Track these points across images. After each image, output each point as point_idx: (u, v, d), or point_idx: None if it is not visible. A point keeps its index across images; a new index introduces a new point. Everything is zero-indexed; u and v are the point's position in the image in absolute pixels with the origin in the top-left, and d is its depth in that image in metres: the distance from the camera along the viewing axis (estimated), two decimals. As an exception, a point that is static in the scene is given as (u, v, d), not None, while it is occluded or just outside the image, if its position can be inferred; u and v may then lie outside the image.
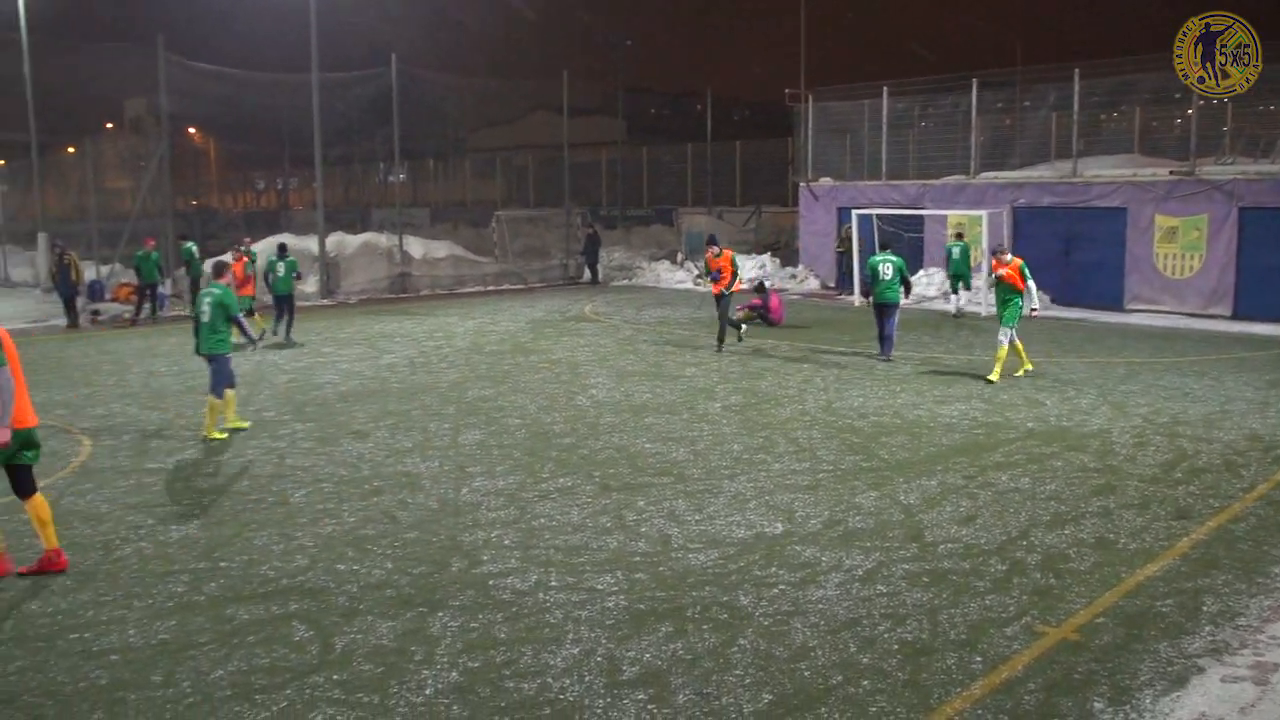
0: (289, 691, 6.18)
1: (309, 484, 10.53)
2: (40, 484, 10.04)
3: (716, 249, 18.66)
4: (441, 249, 34.34)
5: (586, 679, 6.26)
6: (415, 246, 33.36)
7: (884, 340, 17.37)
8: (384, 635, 6.91)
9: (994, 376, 15.29)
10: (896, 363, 17.03)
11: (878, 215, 26.89)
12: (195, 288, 26.87)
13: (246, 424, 13.23)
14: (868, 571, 7.91)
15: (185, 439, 12.72)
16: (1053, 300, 24.64)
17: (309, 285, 30.12)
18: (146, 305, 26.30)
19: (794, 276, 31.18)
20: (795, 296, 27.42)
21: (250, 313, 19.50)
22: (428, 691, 6.15)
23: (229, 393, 12.87)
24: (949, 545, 8.48)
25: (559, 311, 25.68)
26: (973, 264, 24.53)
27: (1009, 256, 15.76)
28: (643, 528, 8.97)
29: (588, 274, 34.21)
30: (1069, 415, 13.24)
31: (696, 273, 32.44)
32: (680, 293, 30.29)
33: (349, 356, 18.81)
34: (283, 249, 22.03)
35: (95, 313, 26.83)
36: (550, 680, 6.25)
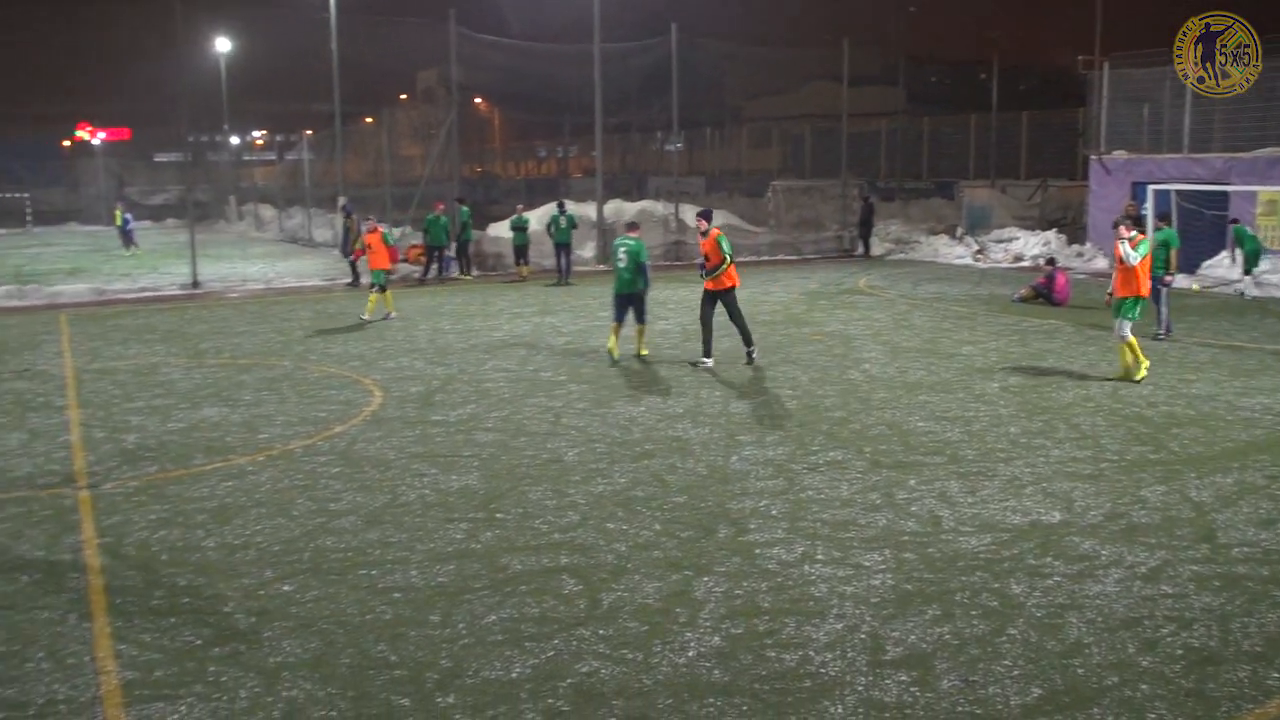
0: (556, 641, 6.38)
1: (582, 444, 10.84)
2: (335, 430, 10.82)
3: (705, 225, 15.20)
4: (716, 218, 34.50)
5: (849, 655, 6.18)
6: (690, 214, 33.68)
7: (1159, 318, 16.49)
8: (650, 595, 7.04)
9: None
10: (1191, 349, 15.95)
11: (1177, 191, 25.16)
12: (463, 250, 28.02)
13: (645, 353, 15.67)
14: (1151, 570, 7.45)
15: (468, 394, 13.33)
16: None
17: (586, 250, 30.95)
18: (434, 266, 27.70)
19: (1080, 254, 29.67)
20: (1081, 275, 26.09)
21: (382, 289, 20.02)
22: (690, 653, 6.22)
23: (641, 327, 15.58)
24: (1245, 549, 7.87)
25: (833, 283, 25.39)
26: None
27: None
28: (913, 507, 8.77)
29: (861, 247, 33.67)
30: (1392, 414, 12.06)
31: (976, 248, 31.40)
32: (959, 268, 29.39)
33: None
34: (562, 205, 26.35)
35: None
36: (812, 653, 6.21)
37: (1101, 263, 29.00)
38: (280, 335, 18.77)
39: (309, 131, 50.32)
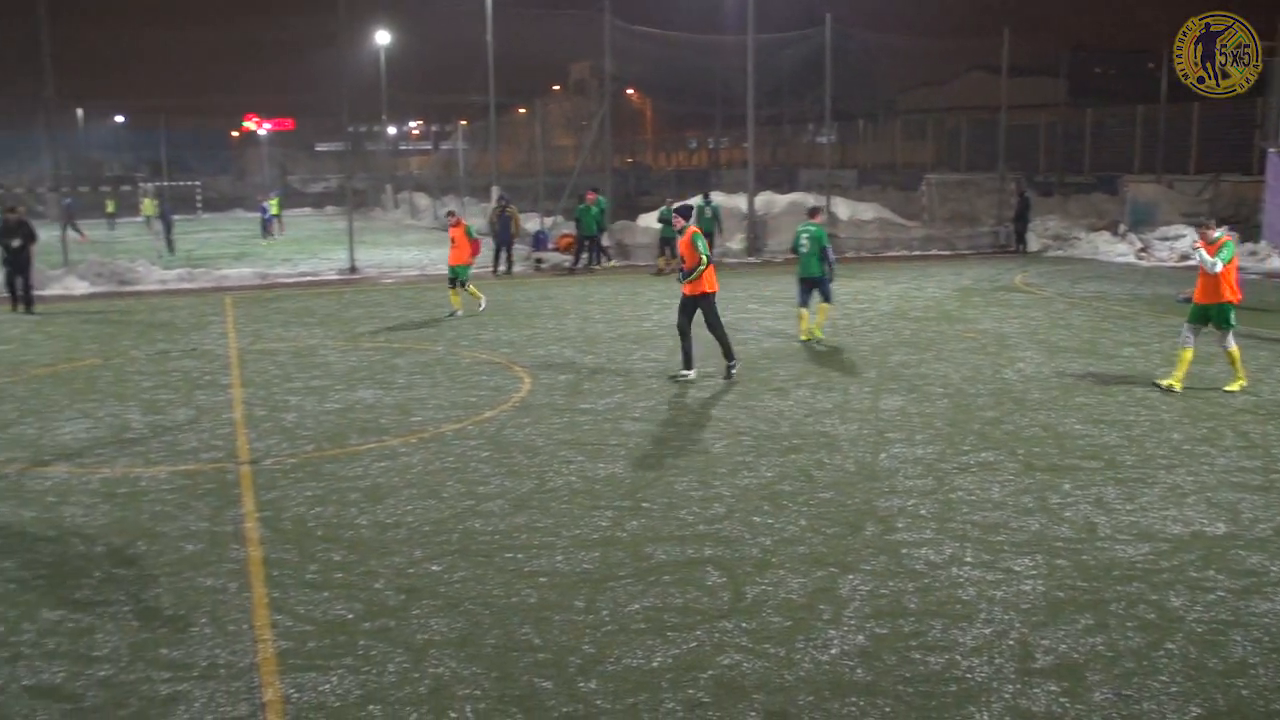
0: (699, 633, 6.38)
1: (729, 436, 10.82)
2: (485, 415, 11.02)
3: (682, 223, 13.67)
4: (868, 211, 34.07)
5: (996, 661, 6.03)
6: (842, 208, 33.32)
7: None
8: (794, 590, 6.98)
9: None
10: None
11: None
12: (594, 241, 28.07)
13: (820, 335, 16.24)
14: (1327, 587, 7.07)
15: (616, 383, 13.43)
16: None
17: (735, 243, 30.87)
18: (584, 255, 27.97)
19: (1254, 253, 28.34)
20: (1254, 276, 24.93)
21: (462, 283, 19.76)
22: (833, 651, 6.15)
23: (825, 305, 16.20)
24: None
25: (987, 280, 24.78)
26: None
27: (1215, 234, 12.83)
28: (1067, 512, 8.50)
29: (1017, 242, 32.76)
30: None
31: (1140, 245, 30.26)
32: (1120, 267, 28.36)
33: (771, 314, 19.11)
34: (707, 196, 27.49)
35: (538, 261, 28.83)
36: (958, 658, 6.07)
37: (1278, 262, 27.69)
38: (433, 321, 19.21)
39: (463, 122, 51.37)
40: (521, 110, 52.15)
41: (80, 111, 74.06)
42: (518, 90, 50.89)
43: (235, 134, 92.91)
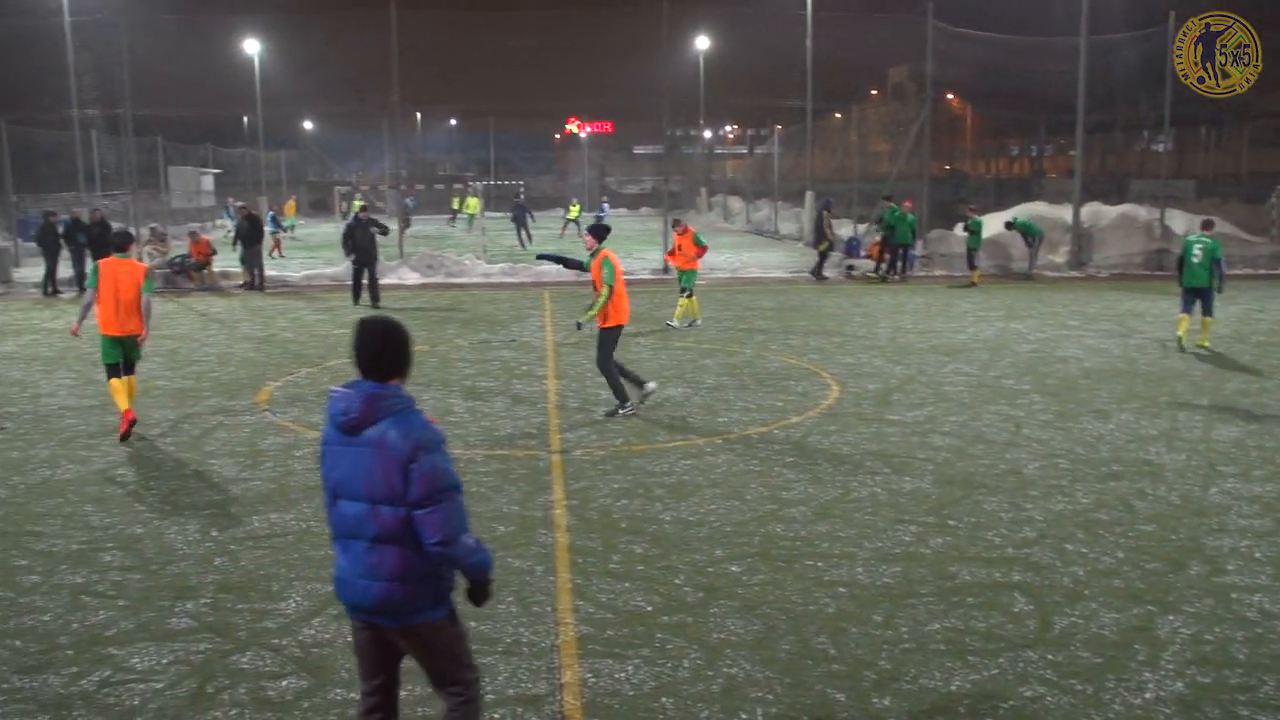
0: (1001, 660, 6.13)
1: (1043, 457, 10.34)
2: (792, 420, 11.02)
3: (594, 244, 11.89)
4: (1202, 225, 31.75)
5: (1341, 726, 5.48)
6: (1178, 221, 31.19)
7: None
8: (1106, 626, 6.59)
9: None
10: None
11: None
12: (891, 249, 27.22)
13: (1207, 344, 16.34)
14: None
15: (925, 396, 13.12)
16: None
17: (1058, 255, 29.55)
18: (898, 264, 27.48)
19: None
20: None
21: (690, 293, 18.76)
22: (1147, 695, 5.76)
23: (1207, 320, 16.31)
24: None
25: (1342, 305, 22.60)
26: None
27: None
28: None
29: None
30: None
31: None
32: None
33: (1095, 332, 18.16)
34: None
35: (850, 268, 28.57)
36: (1295, 717, 5.56)
37: None
38: (742, 323, 19.38)
39: (779, 126, 51.53)
40: (837, 115, 51.79)
41: (419, 115, 79.42)
42: (834, 94, 50.61)
43: (558, 136, 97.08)
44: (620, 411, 11.93)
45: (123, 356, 11.12)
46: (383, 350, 4.36)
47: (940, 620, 6.64)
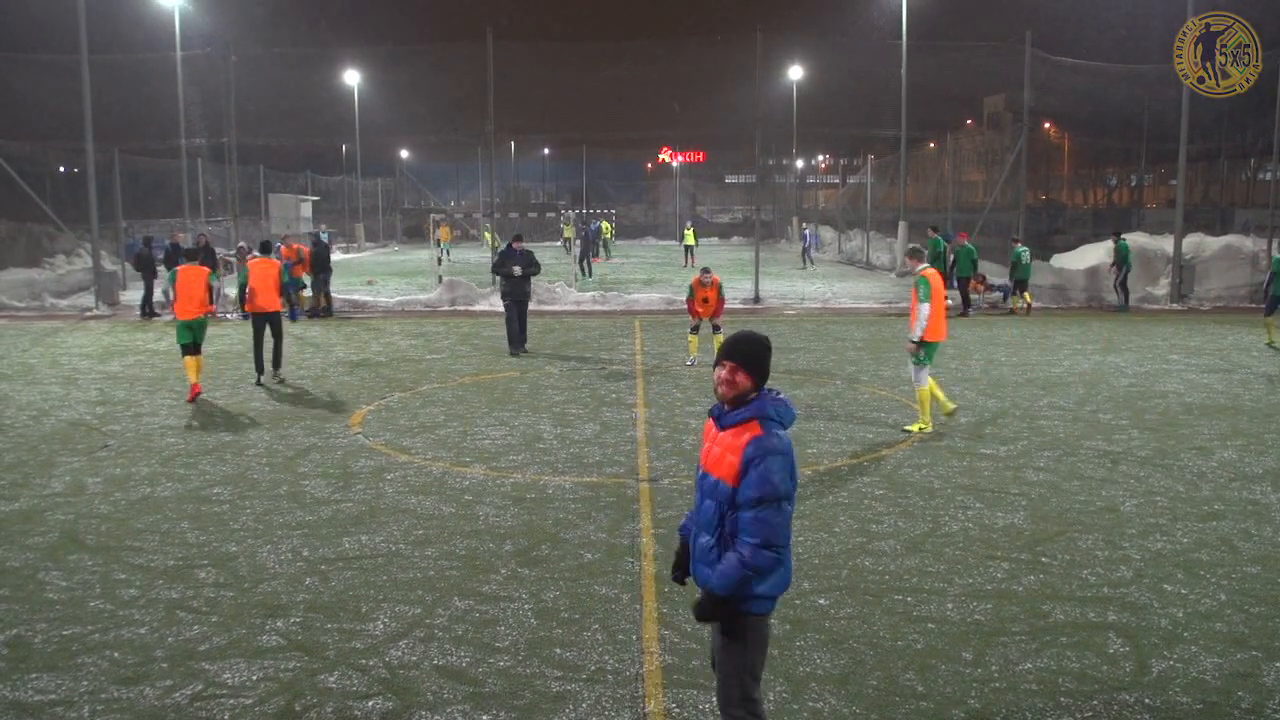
0: (1095, 703, 5.95)
1: (1141, 494, 10.06)
2: (882, 452, 10.88)
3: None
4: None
5: None
6: (1285, 254, 30.33)
7: None
8: (1207, 670, 6.37)
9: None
10: None
11: None
12: (963, 283, 26.44)
13: None
14: None
15: (1019, 429, 12.87)
16: None
17: (1157, 288, 28.89)
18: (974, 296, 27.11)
19: None
20: None
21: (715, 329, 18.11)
22: (1252, 745, 5.56)
23: None
24: None
25: None
26: None
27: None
28: None
29: None
30: None
31: None
32: None
33: (1196, 366, 17.67)
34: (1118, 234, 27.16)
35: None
36: None
37: None
38: (833, 354, 19.23)
39: (872, 156, 51.27)
40: (931, 144, 51.35)
41: (513, 144, 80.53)
42: (928, 124, 50.23)
43: (650, 165, 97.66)
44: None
45: (193, 338, 14.54)
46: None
47: (1032, 660, 6.48)
